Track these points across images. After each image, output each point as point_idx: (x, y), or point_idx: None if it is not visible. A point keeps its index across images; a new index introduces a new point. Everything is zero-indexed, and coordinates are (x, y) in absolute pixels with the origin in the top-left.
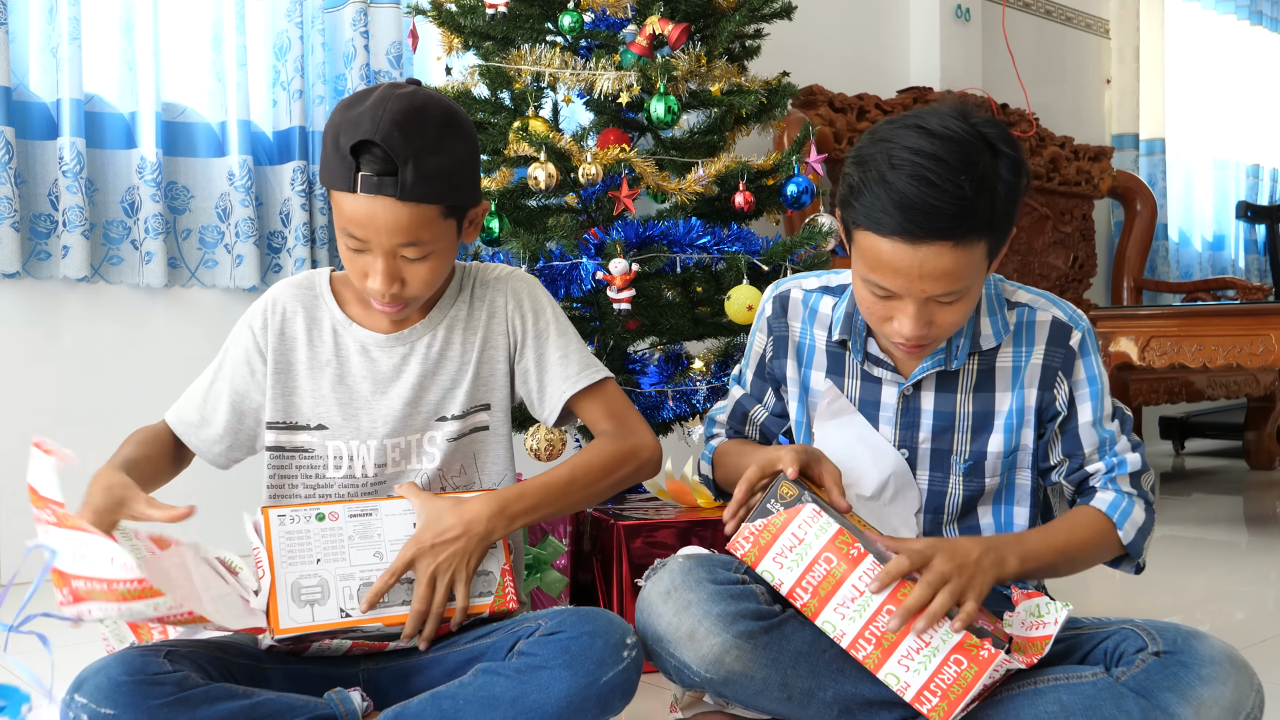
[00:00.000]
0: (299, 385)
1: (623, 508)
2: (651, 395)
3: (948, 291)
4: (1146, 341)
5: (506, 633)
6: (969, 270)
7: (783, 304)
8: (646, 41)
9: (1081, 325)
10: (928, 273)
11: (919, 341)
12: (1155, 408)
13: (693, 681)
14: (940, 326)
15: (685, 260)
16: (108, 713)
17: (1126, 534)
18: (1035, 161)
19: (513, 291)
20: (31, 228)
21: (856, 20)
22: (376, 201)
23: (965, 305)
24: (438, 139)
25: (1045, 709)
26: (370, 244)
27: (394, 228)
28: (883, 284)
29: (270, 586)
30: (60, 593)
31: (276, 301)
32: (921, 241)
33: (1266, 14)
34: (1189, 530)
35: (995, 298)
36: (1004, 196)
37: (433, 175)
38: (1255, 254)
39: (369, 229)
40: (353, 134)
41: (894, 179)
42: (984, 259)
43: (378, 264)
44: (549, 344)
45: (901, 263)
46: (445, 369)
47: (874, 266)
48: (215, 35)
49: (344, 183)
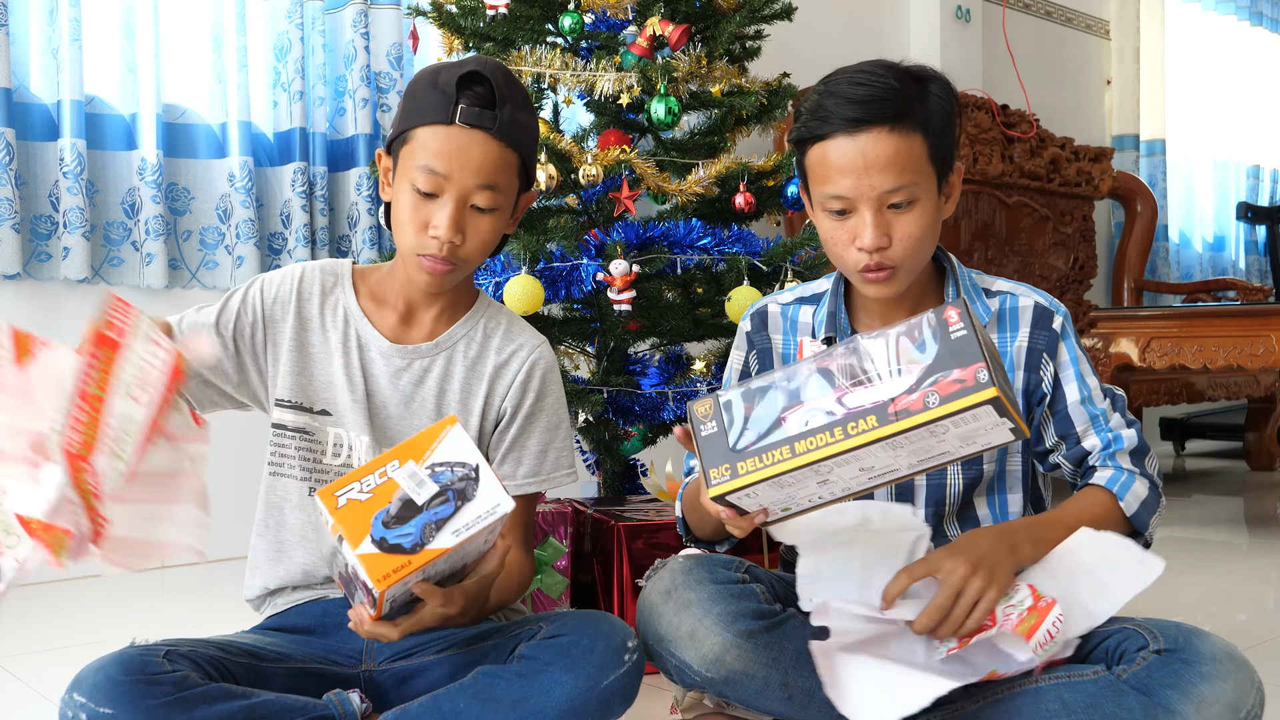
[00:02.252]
0: (312, 368)
1: (623, 509)
2: (652, 396)
3: (895, 186)
4: (1147, 342)
5: (507, 635)
6: (911, 164)
7: (761, 319)
8: (647, 43)
9: (1061, 310)
10: (871, 162)
11: (880, 254)
12: (1156, 409)
13: (693, 681)
14: (899, 242)
15: (686, 261)
16: (106, 712)
17: (1129, 506)
18: (1035, 163)
19: (529, 366)
20: (32, 229)
21: (857, 21)
22: (472, 134)
23: (920, 216)
24: (526, 102)
25: (1047, 707)
26: (450, 181)
27: (481, 164)
28: (835, 192)
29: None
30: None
31: (300, 279)
32: (860, 128)
33: (1267, 15)
34: (1190, 531)
35: (973, 287)
36: (937, 110)
37: (523, 126)
38: (1255, 255)
39: (456, 161)
40: (458, 69)
41: (834, 90)
42: (926, 162)
43: (446, 209)
44: (534, 432)
45: (846, 158)
46: (433, 404)
47: (825, 177)
48: (216, 36)
49: (440, 114)
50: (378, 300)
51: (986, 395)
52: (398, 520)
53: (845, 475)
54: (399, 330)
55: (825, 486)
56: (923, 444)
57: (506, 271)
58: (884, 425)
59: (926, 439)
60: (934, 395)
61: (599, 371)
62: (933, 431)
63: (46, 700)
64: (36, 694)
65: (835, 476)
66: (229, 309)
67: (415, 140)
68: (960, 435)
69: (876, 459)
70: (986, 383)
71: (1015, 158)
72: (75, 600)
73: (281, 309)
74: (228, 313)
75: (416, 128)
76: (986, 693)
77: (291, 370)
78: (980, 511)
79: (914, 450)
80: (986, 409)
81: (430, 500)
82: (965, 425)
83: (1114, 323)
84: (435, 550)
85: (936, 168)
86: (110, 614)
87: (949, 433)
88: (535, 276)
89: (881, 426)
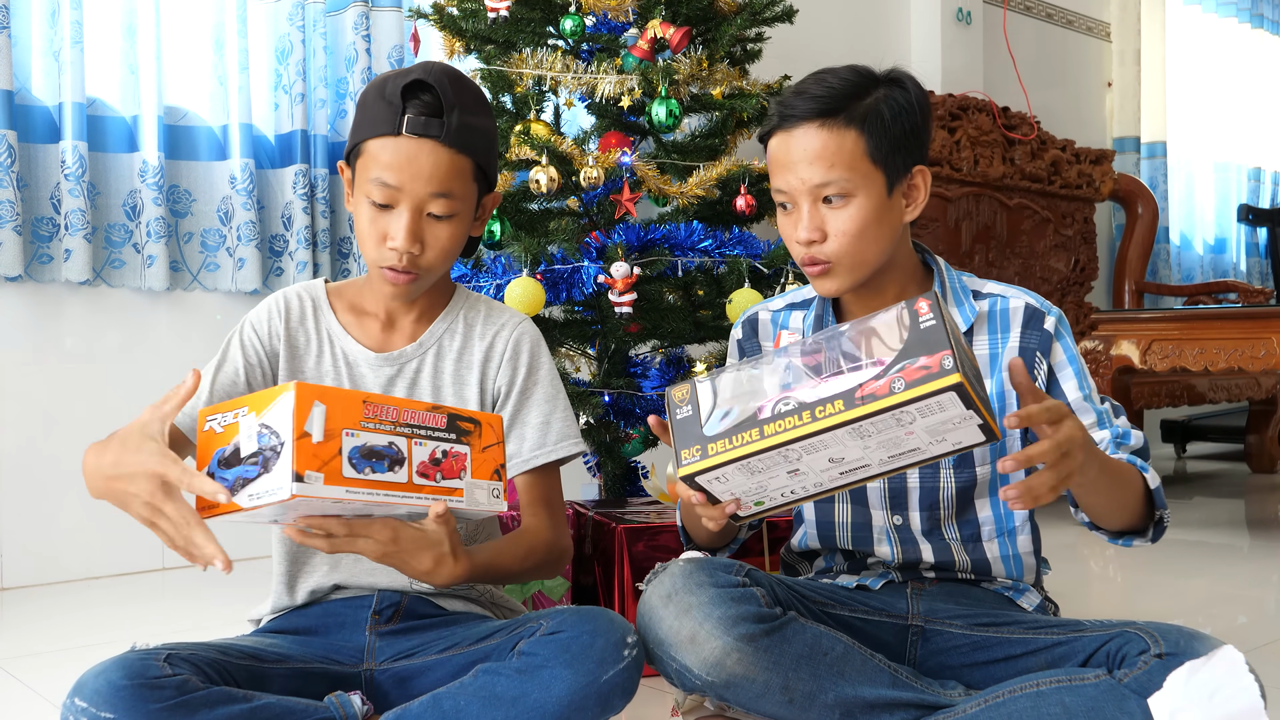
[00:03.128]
0: None
1: (624, 511)
2: (653, 399)
3: (823, 180)
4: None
5: (508, 634)
6: (841, 159)
7: (752, 326)
8: (648, 45)
9: (1054, 311)
10: (799, 156)
11: (814, 247)
12: (1157, 411)
13: (694, 685)
14: (834, 238)
15: (687, 264)
16: (107, 716)
17: (1152, 480)
18: (1036, 165)
19: (514, 342)
20: (34, 231)
21: (858, 23)
22: (420, 144)
23: (855, 214)
24: (476, 104)
25: (1048, 711)
26: (402, 193)
27: (431, 173)
28: (776, 185)
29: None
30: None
31: (284, 307)
32: (793, 125)
33: (1268, 17)
34: (1190, 533)
35: (961, 289)
36: (883, 109)
37: (474, 129)
38: (1256, 257)
39: (406, 172)
40: (402, 79)
41: (789, 90)
42: (863, 158)
43: (402, 219)
44: (531, 405)
45: (780, 152)
46: (431, 400)
47: (771, 173)
48: (217, 39)
49: (387, 125)
50: (357, 312)
51: (950, 381)
52: (226, 464)
53: (816, 466)
54: (383, 338)
55: (797, 479)
56: (890, 435)
57: (508, 274)
58: (850, 409)
59: (894, 429)
60: (900, 381)
61: (600, 374)
62: (899, 419)
63: (48, 703)
64: (38, 696)
65: (805, 467)
66: (230, 361)
67: (367, 153)
68: (928, 427)
69: (846, 449)
70: (951, 369)
71: (1016, 160)
72: (76, 602)
73: (275, 340)
74: (229, 367)
75: (367, 140)
76: (987, 696)
77: None
78: (981, 514)
79: (883, 443)
80: (950, 396)
81: (248, 457)
82: (931, 415)
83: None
84: (231, 505)
85: (882, 166)
86: (111, 616)
87: (916, 422)
88: (536, 279)
89: (847, 410)
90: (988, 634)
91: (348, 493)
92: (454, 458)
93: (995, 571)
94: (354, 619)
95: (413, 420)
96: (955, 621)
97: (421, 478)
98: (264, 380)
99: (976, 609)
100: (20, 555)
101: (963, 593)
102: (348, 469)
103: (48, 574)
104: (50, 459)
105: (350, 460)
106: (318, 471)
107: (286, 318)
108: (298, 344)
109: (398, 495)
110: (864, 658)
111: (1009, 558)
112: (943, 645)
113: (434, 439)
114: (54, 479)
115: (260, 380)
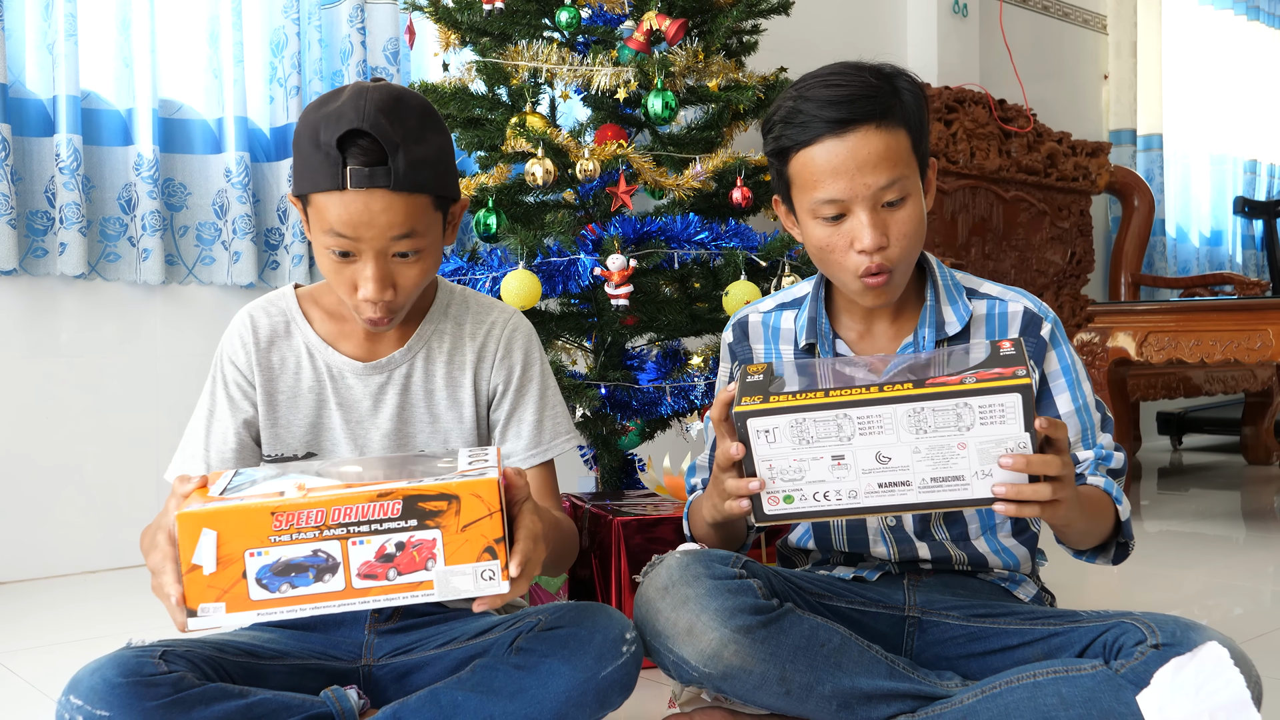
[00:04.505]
0: (281, 415)
1: (620, 504)
2: (649, 391)
3: (889, 181)
4: (1144, 337)
5: (506, 629)
6: (900, 158)
7: (743, 329)
8: (644, 37)
9: (1050, 316)
10: (863, 160)
11: (880, 254)
12: (1153, 403)
13: (691, 677)
14: (896, 241)
15: (683, 256)
16: (103, 714)
17: (1124, 512)
18: (1033, 157)
19: (507, 340)
20: (28, 225)
21: (854, 16)
22: (369, 195)
23: (913, 212)
24: (420, 128)
25: (1045, 701)
26: (362, 245)
27: (388, 222)
28: (828, 196)
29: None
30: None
31: (252, 330)
32: (849, 129)
33: (1263, 9)
34: (1186, 525)
35: (955, 286)
36: (910, 104)
37: (422, 162)
38: (1253, 249)
39: (361, 226)
40: (335, 127)
41: (809, 95)
42: (911, 156)
43: (368, 269)
44: (527, 402)
45: (837, 159)
46: (423, 407)
47: (815, 183)
48: (212, 32)
49: (330, 180)
50: (337, 318)
51: (1020, 382)
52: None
53: (861, 461)
54: (368, 345)
55: (837, 474)
56: (945, 440)
57: (504, 266)
58: (917, 388)
59: (951, 429)
60: (971, 377)
61: (596, 366)
62: (959, 416)
63: (45, 696)
64: (34, 690)
65: (852, 457)
66: (219, 421)
67: (315, 205)
68: (980, 446)
69: (898, 443)
70: (1024, 375)
71: (1012, 152)
72: (72, 597)
73: (251, 369)
74: (219, 428)
75: (310, 194)
76: (984, 686)
77: (267, 423)
78: (967, 512)
79: (933, 449)
80: (1015, 398)
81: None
82: (991, 424)
83: (1111, 317)
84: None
85: (920, 161)
86: (108, 610)
87: (973, 430)
88: (532, 271)
89: (915, 388)
90: (984, 625)
91: (260, 615)
92: (415, 548)
93: (991, 564)
94: (353, 616)
95: (347, 518)
96: (952, 613)
97: (367, 579)
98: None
99: (973, 600)
100: (15, 549)
101: (959, 583)
102: (256, 591)
103: (43, 568)
104: (45, 453)
105: (259, 581)
106: (216, 602)
107: (255, 341)
108: (271, 366)
109: (334, 605)
110: (861, 649)
111: (1000, 550)
112: (939, 636)
113: (381, 533)
114: (49, 473)
115: (256, 419)
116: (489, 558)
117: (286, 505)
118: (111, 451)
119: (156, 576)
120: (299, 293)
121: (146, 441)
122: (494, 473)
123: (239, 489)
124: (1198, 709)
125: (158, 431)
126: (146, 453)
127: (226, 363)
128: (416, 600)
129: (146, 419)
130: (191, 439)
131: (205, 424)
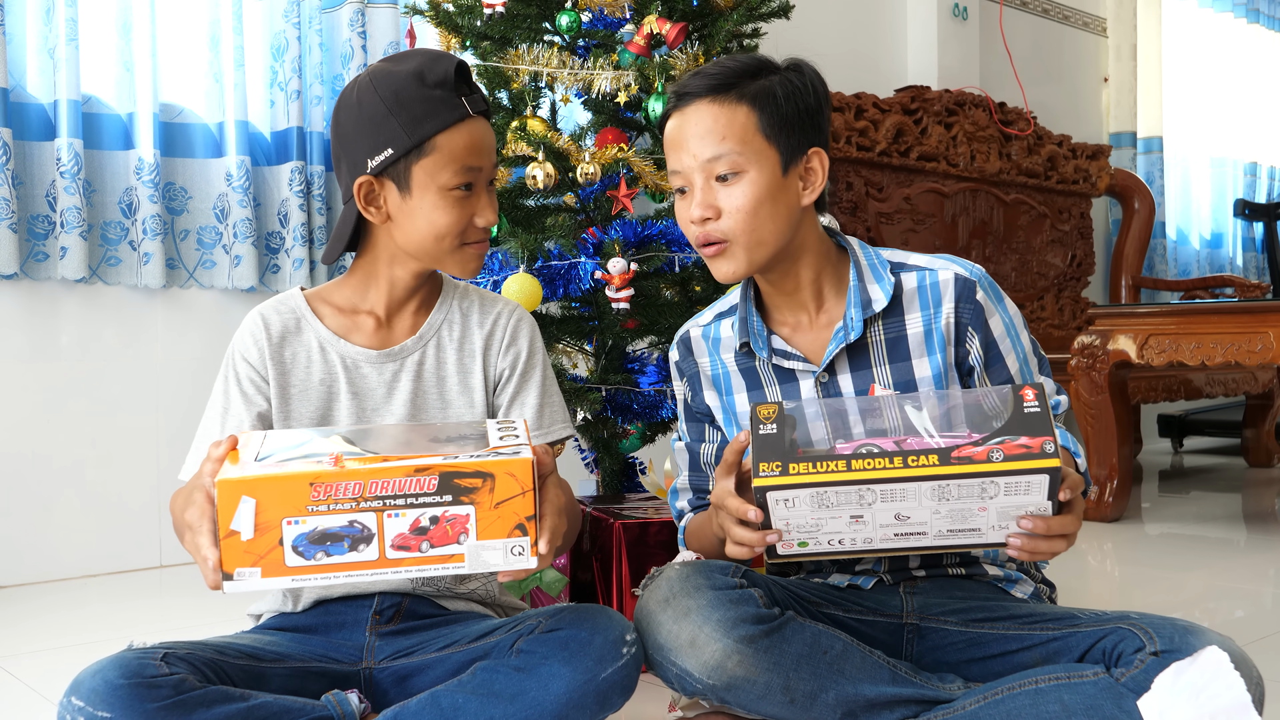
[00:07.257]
0: (294, 409)
1: (621, 507)
2: (650, 394)
3: (715, 154)
4: (1145, 339)
5: (507, 632)
6: (733, 133)
7: (686, 345)
8: (644, 41)
9: (978, 274)
10: (691, 132)
11: (708, 225)
12: (1154, 405)
13: (695, 689)
14: (728, 214)
15: (683, 259)
16: (104, 715)
17: (1083, 462)
18: (1033, 160)
19: (513, 327)
20: (29, 229)
21: (854, 19)
22: (483, 121)
23: (747, 190)
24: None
25: (1047, 708)
26: (483, 174)
27: (492, 144)
28: (672, 167)
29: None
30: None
31: (264, 327)
32: (685, 105)
33: (1264, 12)
34: (1187, 528)
35: (879, 264)
36: (777, 90)
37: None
38: (1253, 251)
39: (487, 151)
40: (437, 65)
41: (679, 81)
42: (755, 134)
43: (483, 196)
44: (530, 388)
45: (674, 132)
46: (435, 392)
47: (666, 157)
48: (212, 36)
49: (454, 112)
50: (349, 312)
51: (1049, 464)
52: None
53: (880, 518)
54: (380, 335)
55: (854, 528)
56: (966, 505)
57: (505, 270)
58: (944, 465)
59: (973, 498)
60: (999, 452)
61: (597, 370)
62: (984, 489)
63: (46, 700)
64: (35, 694)
65: (871, 516)
66: (234, 415)
67: (439, 147)
68: (1001, 509)
69: (919, 507)
70: (1052, 453)
71: (1013, 155)
72: (74, 600)
73: (265, 363)
74: (233, 422)
75: (435, 135)
76: (986, 692)
77: (279, 416)
78: None
79: (954, 512)
80: (1042, 480)
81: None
82: (1015, 495)
83: (1112, 320)
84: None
85: (775, 143)
86: (109, 614)
87: (996, 499)
88: (533, 275)
89: (942, 465)
90: (983, 630)
91: (294, 580)
92: (449, 522)
93: (983, 563)
94: (354, 619)
95: (384, 491)
96: (950, 618)
97: (400, 550)
98: (271, 411)
99: (970, 603)
100: (17, 553)
101: (955, 586)
102: (292, 558)
103: (44, 572)
104: (46, 456)
105: (295, 548)
106: (251, 567)
107: (268, 337)
108: (284, 361)
109: (367, 574)
110: (863, 655)
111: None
112: (939, 643)
113: (416, 506)
114: (50, 476)
115: (270, 413)
116: (519, 534)
117: (325, 476)
118: (112, 455)
119: (193, 533)
120: (306, 294)
121: (147, 445)
122: (527, 451)
123: (272, 455)
124: (1199, 713)
125: (158, 435)
126: (147, 456)
127: (239, 360)
128: (447, 572)
129: (147, 422)
130: (206, 436)
131: (220, 420)
